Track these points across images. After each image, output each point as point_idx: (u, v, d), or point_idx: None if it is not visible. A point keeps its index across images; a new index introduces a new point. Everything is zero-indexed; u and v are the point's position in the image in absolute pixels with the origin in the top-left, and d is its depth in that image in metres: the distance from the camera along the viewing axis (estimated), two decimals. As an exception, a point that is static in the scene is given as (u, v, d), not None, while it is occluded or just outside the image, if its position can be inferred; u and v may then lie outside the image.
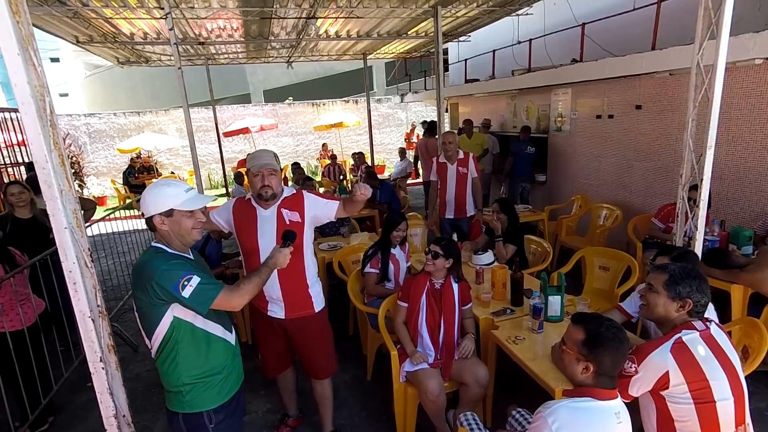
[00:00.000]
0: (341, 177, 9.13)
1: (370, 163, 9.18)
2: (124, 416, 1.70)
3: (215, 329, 1.62)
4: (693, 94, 2.42)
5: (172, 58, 4.56)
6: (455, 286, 2.47)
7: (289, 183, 10.64)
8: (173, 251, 1.56)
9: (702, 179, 2.39)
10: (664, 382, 1.56)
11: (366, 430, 2.67)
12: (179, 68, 4.48)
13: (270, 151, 2.18)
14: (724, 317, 2.87)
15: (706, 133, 2.31)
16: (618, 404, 1.41)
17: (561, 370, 1.51)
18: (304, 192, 2.23)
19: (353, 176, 8.92)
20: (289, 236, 1.82)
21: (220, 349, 1.65)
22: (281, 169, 2.18)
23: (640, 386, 1.61)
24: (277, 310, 2.22)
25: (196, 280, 1.46)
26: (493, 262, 3.34)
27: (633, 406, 1.71)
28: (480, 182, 4.40)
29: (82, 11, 4.55)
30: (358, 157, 8.97)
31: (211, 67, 8.73)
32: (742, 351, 2.21)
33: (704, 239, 2.86)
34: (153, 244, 1.58)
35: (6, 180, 5.48)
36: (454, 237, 3.50)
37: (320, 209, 2.19)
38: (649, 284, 1.76)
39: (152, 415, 2.89)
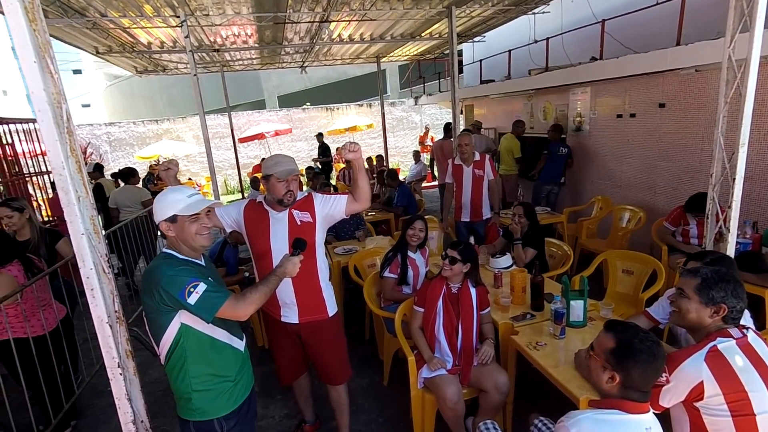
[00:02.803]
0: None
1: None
2: (142, 422, 1.70)
3: (223, 336, 1.61)
4: (724, 90, 2.31)
5: (188, 65, 4.62)
6: (473, 291, 2.42)
7: (304, 188, 10.71)
8: (183, 257, 1.55)
9: (735, 178, 2.28)
10: (698, 393, 1.47)
11: (383, 437, 2.63)
12: (195, 75, 4.54)
13: (290, 156, 2.16)
14: (758, 324, 2.73)
15: (738, 130, 2.21)
16: (650, 419, 1.31)
17: (585, 376, 1.44)
18: (314, 193, 2.22)
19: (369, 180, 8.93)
20: (299, 245, 1.78)
21: (229, 356, 1.64)
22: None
23: (671, 397, 1.53)
24: (290, 315, 2.19)
25: (202, 287, 1.44)
26: (511, 266, 3.26)
27: (664, 418, 1.62)
28: (496, 184, 4.32)
29: (100, 22, 4.66)
30: (377, 159, 9.00)
31: (226, 74, 8.86)
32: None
33: (736, 242, 2.73)
34: (163, 250, 1.59)
35: (31, 189, 5.62)
36: (471, 240, 3.43)
37: (330, 207, 2.16)
38: (680, 289, 1.67)
39: (171, 419, 2.90)
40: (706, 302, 1.58)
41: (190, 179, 12.28)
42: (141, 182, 11.03)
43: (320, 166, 10.59)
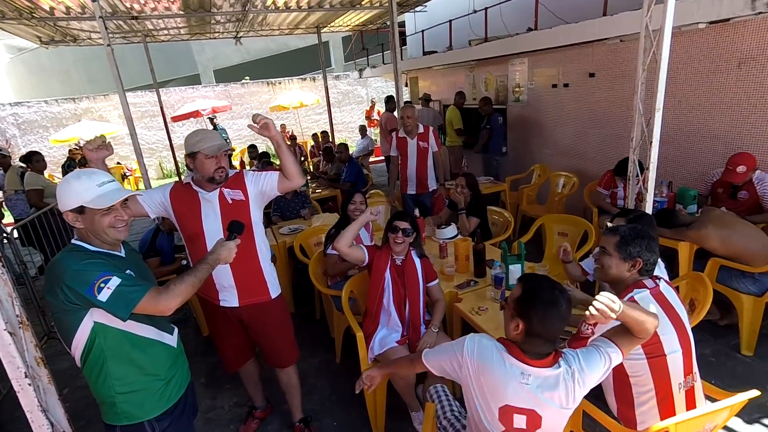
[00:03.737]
0: (302, 158, 8.88)
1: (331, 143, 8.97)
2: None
3: (149, 332, 1.47)
4: (642, 58, 2.45)
5: (101, 34, 4.15)
6: (417, 261, 2.44)
7: (247, 167, 10.25)
8: (95, 249, 1.40)
9: (651, 141, 2.44)
10: (618, 341, 1.60)
11: (337, 413, 2.64)
12: (108, 45, 4.10)
13: (215, 131, 2.06)
14: (672, 273, 3.02)
15: (654, 96, 2.35)
16: (533, 371, 1.34)
17: (504, 326, 1.52)
18: (245, 171, 2.14)
19: (314, 159, 8.73)
20: (235, 228, 1.64)
21: (158, 353, 1.52)
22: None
23: (596, 347, 1.64)
24: (229, 298, 2.10)
25: (115, 281, 1.30)
26: (456, 236, 3.34)
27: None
28: (441, 156, 4.35)
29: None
30: (323, 135, 8.78)
31: (153, 46, 8.08)
32: (690, 304, 2.32)
33: (654, 201, 2.96)
34: (72, 241, 1.41)
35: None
36: (416, 213, 3.46)
37: (263, 184, 2.07)
38: (602, 247, 1.79)
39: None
40: (624, 257, 1.71)
41: (119, 163, 11.34)
42: (61, 169, 10.08)
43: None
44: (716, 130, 3.80)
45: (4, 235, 3.93)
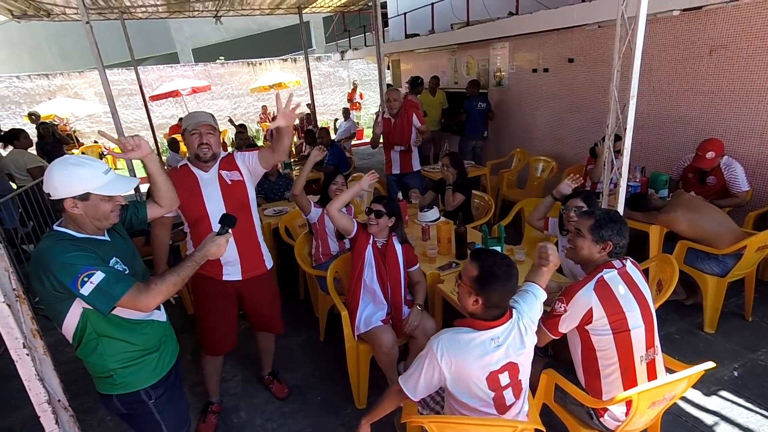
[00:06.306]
0: (284, 140, 8.80)
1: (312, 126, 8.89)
2: (59, 401, 1.63)
3: (138, 314, 1.50)
4: (618, 46, 2.52)
5: (78, 10, 4.00)
6: (398, 247, 2.49)
7: (229, 148, 10.08)
8: (82, 235, 1.41)
9: (626, 128, 2.53)
10: (588, 317, 1.70)
11: (321, 388, 2.73)
12: (87, 23, 3.96)
13: (206, 112, 2.15)
14: (643, 256, 3.16)
15: (629, 84, 2.43)
16: (499, 331, 1.53)
17: (458, 300, 1.62)
18: (235, 152, 2.25)
19: (297, 139, 8.64)
20: (228, 221, 1.58)
21: (150, 330, 1.57)
22: (219, 131, 2.18)
23: (568, 324, 1.75)
24: (233, 273, 2.21)
25: (99, 276, 1.30)
26: (438, 219, 3.42)
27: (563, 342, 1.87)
28: (425, 130, 4.35)
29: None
30: (306, 118, 8.69)
31: (129, 22, 7.80)
32: (657, 284, 2.46)
33: (627, 185, 3.08)
34: (55, 227, 1.41)
35: None
36: (399, 196, 3.53)
37: (251, 163, 2.19)
38: (577, 229, 1.88)
39: (95, 396, 2.76)
40: (596, 240, 1.81)
41: (96, 142, 11.01)
42: (36, 147, 9.71)
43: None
44: (688, 117, 3.95)
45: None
